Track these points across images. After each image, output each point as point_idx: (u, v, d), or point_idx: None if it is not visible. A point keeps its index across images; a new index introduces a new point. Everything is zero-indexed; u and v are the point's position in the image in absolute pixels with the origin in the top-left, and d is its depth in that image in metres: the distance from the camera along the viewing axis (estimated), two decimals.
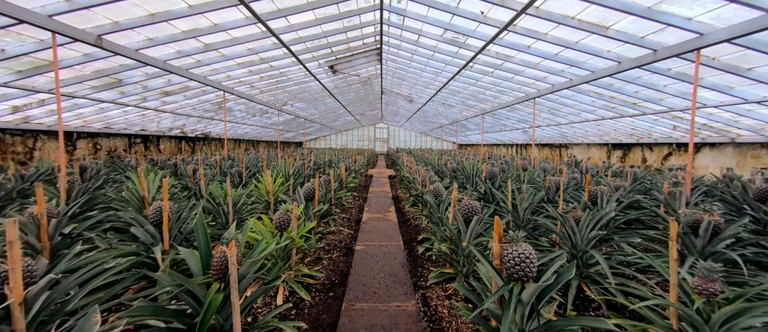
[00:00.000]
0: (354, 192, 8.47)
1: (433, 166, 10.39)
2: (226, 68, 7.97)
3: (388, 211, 6.12)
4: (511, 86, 9.52)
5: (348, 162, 9.73)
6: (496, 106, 12.27)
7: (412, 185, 7.31)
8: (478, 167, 6.73)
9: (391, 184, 10.54)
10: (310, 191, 4.30)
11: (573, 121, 11.11)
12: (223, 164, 8.39)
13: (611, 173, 6.09)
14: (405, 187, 9.23)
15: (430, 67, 10.12)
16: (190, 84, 8.53)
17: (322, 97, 14.76)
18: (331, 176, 5.72)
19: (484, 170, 5.61)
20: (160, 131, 12.71)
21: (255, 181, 5.81)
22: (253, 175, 7.29)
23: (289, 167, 6.87)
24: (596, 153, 13.52)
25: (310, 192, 4.30)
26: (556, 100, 9.54)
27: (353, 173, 9.43)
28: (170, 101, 9.44)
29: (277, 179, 5.66)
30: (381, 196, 7.84)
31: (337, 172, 7.20)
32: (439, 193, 4.41)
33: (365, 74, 12.41)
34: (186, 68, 7.16)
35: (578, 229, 2.91)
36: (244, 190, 4.89)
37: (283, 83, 10.67)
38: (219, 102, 11.15)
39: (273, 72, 9.27)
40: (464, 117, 17.09)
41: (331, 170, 5.74)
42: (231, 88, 9.41)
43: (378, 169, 15.52)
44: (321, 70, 10.33)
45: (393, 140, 36.15)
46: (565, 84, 7.64)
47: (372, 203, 6.94)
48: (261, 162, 9.26)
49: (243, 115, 14.07)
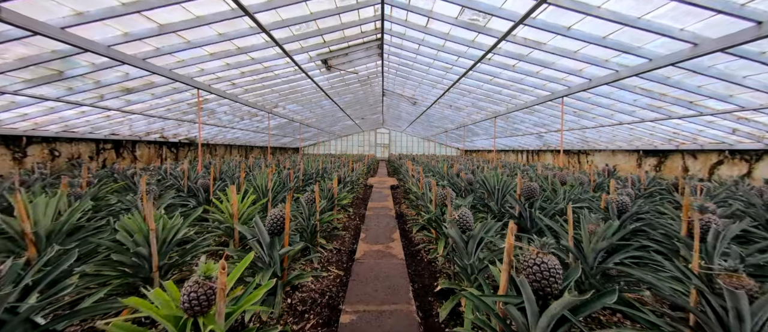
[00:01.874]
0: (349, 209, 7.05)
1: (441, 176, 8.98)
2: (196, 59, 6.62)
3: (391, 239, 4.69)
4: (534, 83, 8.14)
5: (343, 171, 8.33)
6: (512, 108, 10.88)
7: (419, 202, 5.89)
8: (506, 180, 5.31)
9: (393, 196, 9.12)
10: (279, 221, 2.89)
11: (602, 124, 9.69)
12: (192, 174, 7.00)
13: (702, 190, 4.60)
14: (410, 202, 7.81)
15: (440, 61, 8.76)
16: (154, 79, 7.18)
17: (317, 98, 13.43)
18: (317, 195, 4.30)
19: (518, 185, 4.20)
20: (135, 136, 11.36)
21: (215, 200, 4.41)
22: (229, 186, 5.91)
23: (268, 180, 5.47)
24: (623, 161, 12.08)
25: (279, 222, 2.89)
26: (588, 99, 8.15)
27: (349, 185, 8.01)
28: (136, 100, 8.09)
29: (248, 197, 4.27)
30: (382, 215, 6.42)
31: (328, 186, 5.79)
32: (467, 223, 2.99)
33: (364, 72, 11.07)
34: (142, 57, 5.81)
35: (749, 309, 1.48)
36: (197, 211, 3.49)
37: (269, 81, 9.33)
38: (198, 103, 9.81)
39: (255, 66, 7.93)
40: (473, 121, 15.71)
41: (317, 187, 4.32)
42: (207, 85, 8.06)
43: (379, 178, 14.11)
44: (312, 65, 8.99)
45: (394, 145, 34.82)
46: (607, 78, 6.25)
47: (371, 225, 5.52)
48: (240, 171, 7.86)
49: (229, 118, 12.72)
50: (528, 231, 4.17)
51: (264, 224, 2.89)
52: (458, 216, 3.04)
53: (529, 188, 4.22)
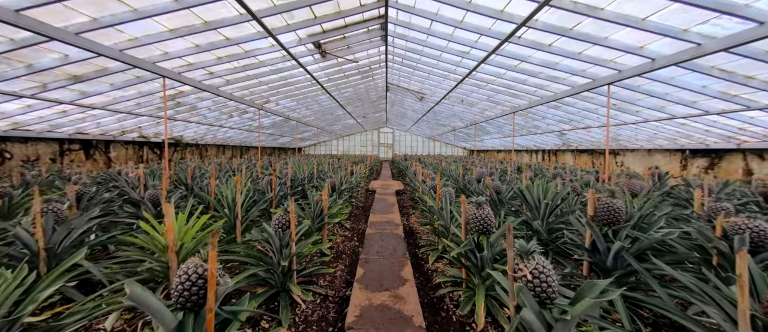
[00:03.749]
0: (346, 223, 5.65)
1: (454, 180, 7.55)
2: (152, 37, 5.26)
3: (400, 279, 3.27)
4: (571, 67, 6.68)
5: (341, 175, 6.92)
6: (536, 101, 9.40)
7: (438, 222, 4.47)
8: (558, 191, 3.87)
9: (399, 204, 7.71)
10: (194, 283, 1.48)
11: (647, 119, 8.18)
12: (149, 180, 5.64)
13: None
14: (421, 212, 6.39)
15: (455, 42, 7.33)
16: (106, 64, 5.84)
17: (313, 93, 12.05)
18: (292, 217, 2.90)
19: (590, 202, 2.77)
20: (108, 135, 10.08)
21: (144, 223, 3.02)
22: (193, 194, 4.54)
23: (235, 190, 4.08)
24: (662, 162, 10.55)
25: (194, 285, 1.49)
26: (638, 87, 6.67)
27: (346, 193, 6.60)
28: (93, 92, 6.77)
29: (200, 219, 2.88)
30: (387, 233, 5.01)
31: (317, 198, 4.38)
32: (548, 286, 1.58)
33: (365, 61, 9.67)
34: (75, 32, 4.46)
35: None
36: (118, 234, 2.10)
37: (254, 69, 7.96)
38: (172, 96, 8.49)
39: (233, 48, 6.56)
40: (485, 118, 14.23)
41: (292, 204, 2.91)
42: (175, 73, 6.71)
43: (382, 181, 12.69)
44: (304, 50, 7.60)
45: (398, 145, 33.40)
46: (680, 55, 4.78)
47: (372, 252, 4.11)
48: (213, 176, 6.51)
49: (215, 115, 11.39)
50: (607, 272, 2.74)
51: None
52: (532, 275, 1.62)
53: (610, 208, 2.77)
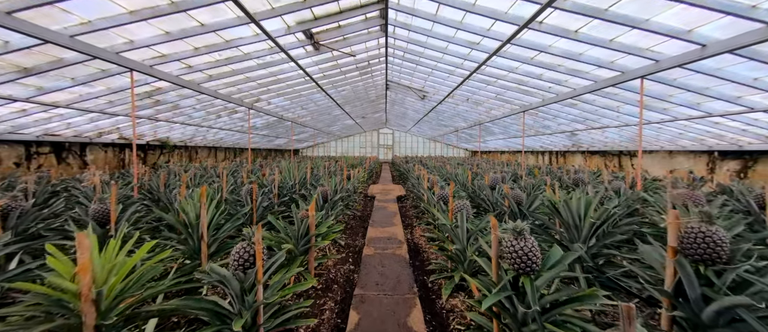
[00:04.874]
0: (340, 240, 4.82)
1: (460, 184, 6.74)
2: (111, 19, 4.43)
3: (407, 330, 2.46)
4: (597, 58, 5.87)
5: (334, 183, 6.09)
6: (550, 98, 8.60)
7: (454, 247, 3.64)
8: (606, 208, 3.04)
9: (401, 213, 6.89)
10: None
11: (676, 117, 7.37)
12: (106, 189, 4.81)
13: None
14: (426, 224, 5.58)
15: (462, 35, 6.53)
16: (64, 55, 5.01)
17: (307, 91, 11.23)
18: (259, 253, 2.06)
19: (672, 229, 1.95)
20: (83, 137, 9.24)
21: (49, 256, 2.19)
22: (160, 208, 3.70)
23: (200, 205, 3.23)
24: (686, 164, 9.74)
25: None
26: (673, 81, 5.86)
27: (340, 204, 5.77)
28: (52, 87, 5.94)
29: (138, 253, 2.04)
30: (388, 255, 4.20)
31: (303, 214, 3.54)
32: None
33: (363, 54, 8.86)
34: (5, 11, 3.63)
35: None
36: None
37: (239, 63, 7.13)
38: (149, 93, 7.66)
39: (210, 36, 5.73)
40: (491, 118, 13.41)
41: (258, 234, 2.07)
42: (146, 65, 5.88)
43: (382, 185, 11.87)
44: (294, 41, 6.78)
45: (398, 146, 32.61)
46: (738, 41, 3.97)
47: (369, 280, 3.28)
48: (183, 185, 5.71)
49: (201, 114, 10.56)
50: (701, 330, 1.92)
51: None
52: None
53: (708, 240, 1.95)
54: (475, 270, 3.38)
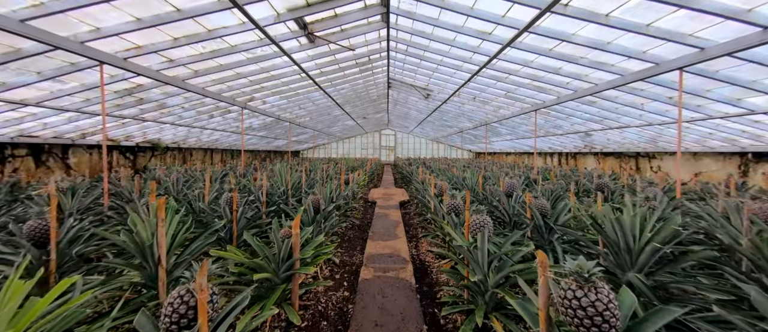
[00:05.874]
0: (335, 257, 4.15)
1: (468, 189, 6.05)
2: (64, 1, 3.80)
3: None
4: (626, 49, 5.17)
5: (328, 191, 5.41)
6: (566, 96, 7.89)
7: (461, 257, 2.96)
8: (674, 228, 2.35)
9: (405, 221, 6.20)
10: None
11: (710, 115, 6.64)
12: (67, 201, 4.17)
13: None
14: (433, 236, 4.89)
15: (472, 24, 5.86)
16: (21, 45, 4.39)
17: (305, 89, 10.58)
18: (201, 310, 1.39)
19: None
20: (63, 138, 8.64)
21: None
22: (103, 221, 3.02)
23: (156, 223, 2.55)
24: (713, 166, 8.99)
25: None
26: (712, 73, 5.15)
27: (333, 214, 5.10)
28: (16, 82, 5.32)
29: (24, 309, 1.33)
30: (390, 278, 3.52)
31: (285, 232, 2.87)
32: None
33: (363, 49, 8.20)
34: None
35: None
36: None
37: (225, 56, 6.47)
38: (129, 90, 7.03)
39: (190, 25, 5.09)
40: (500, 117, 12.70)
41: (202, 272, 1.42)
42: (119, 58, 5.25)
43: (384, 189, 11.19)
44: (287, 32, 6.14)
45: (400, 148, 31.94)
46: None
47: (366, 319, 2.60)
48: (152, 192, 5.09)
49: (191, 114, 9.93)
50: None
51: None
52: None
53: None
54: (498, 302, 2.70)
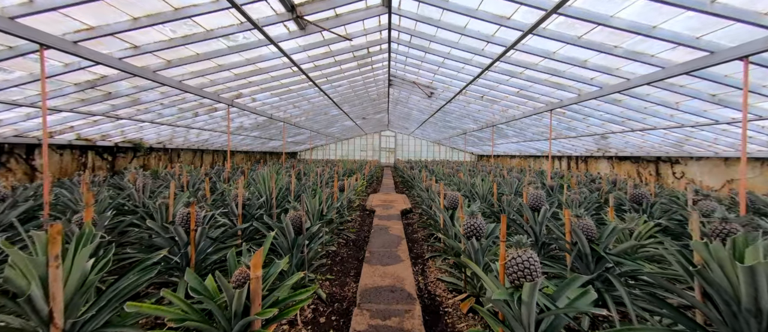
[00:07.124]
0: (323, 289, 3.27)
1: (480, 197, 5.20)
2: None
3: None
4: (674, 34, 4.31)
5: (317, 201, 4.53)
6: (590, 93, 7.04)
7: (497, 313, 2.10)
8: None
9: (408, 236, 5.32)
10: None
11: (761, 116, 5.79)
12: None
13: None
14: (444, 256, 4.01)
15: (487, 8, 4.99)
16: None
17: (298, 86, 9.71)
18: None
19: None
20: (26, 137, 7.75)
21: None
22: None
23: (26, 267, 1.66)
24: (749, 173, 8.12)
25: None
26: None
27: (321, 233, 4.21)
28: None
29: None
30: (392, 329, 2.65)
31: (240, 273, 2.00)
32: None
33: (362, 41, 7.34)
34: None
35: None
36: None
37: (199, 42, 5.59)
38: (92, 82, 6.15)
39: (150, 1, 4.21)
40: (508, 118, 11.84)
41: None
42: (68, 42, 4.37)
43: (384, 195, 10.31)
44: (272, 16, 5.27)
45: (401, 149, 31.09)
46: None
47: None
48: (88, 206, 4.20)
49: (172, 111, 9.05)
50: None
51: None
52: None
53: None
54: None
